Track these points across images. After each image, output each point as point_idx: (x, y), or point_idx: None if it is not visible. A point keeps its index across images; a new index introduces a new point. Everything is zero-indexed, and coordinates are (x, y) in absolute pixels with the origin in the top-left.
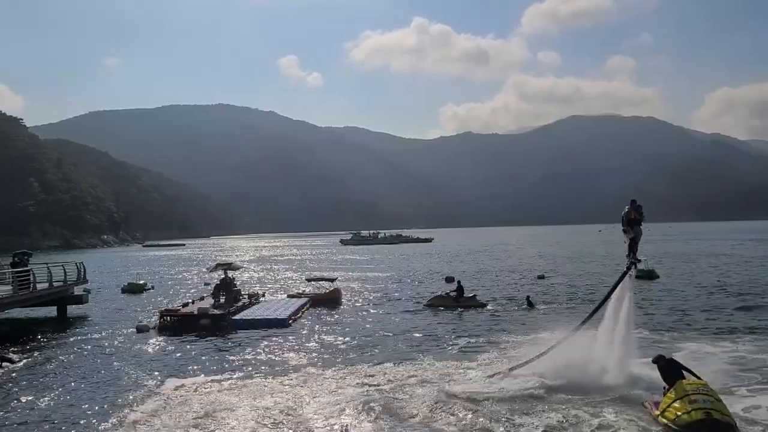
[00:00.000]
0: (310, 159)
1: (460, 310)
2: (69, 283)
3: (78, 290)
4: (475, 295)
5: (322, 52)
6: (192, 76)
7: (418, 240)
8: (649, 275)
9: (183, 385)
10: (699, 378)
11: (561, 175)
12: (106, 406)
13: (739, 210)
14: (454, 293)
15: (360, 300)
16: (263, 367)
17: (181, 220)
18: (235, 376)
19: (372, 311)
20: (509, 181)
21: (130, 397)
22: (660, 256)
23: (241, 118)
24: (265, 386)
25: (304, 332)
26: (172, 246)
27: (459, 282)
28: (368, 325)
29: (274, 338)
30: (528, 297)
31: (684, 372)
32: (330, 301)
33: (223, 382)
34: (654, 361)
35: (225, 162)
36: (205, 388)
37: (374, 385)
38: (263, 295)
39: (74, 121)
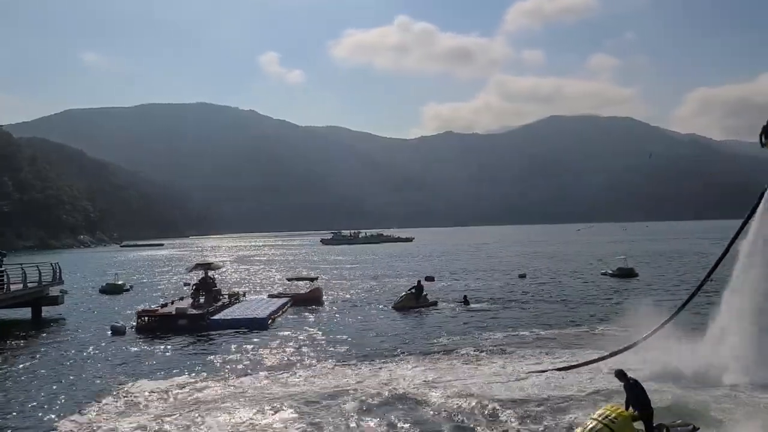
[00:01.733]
0: (291, 158)
1: (422, 310)
2: (44, 284)
3: (53, 291)
4: (425, 294)
5: (304, 50)
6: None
7: (399, 239)
8: (628, 273)
9: (157, 387)
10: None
11: (541, 175)
12: (77, 409)
13: (715, 209)
14: (413, 291)
15: (341, 299)
16: (240, 368)
17: (160, 219)
18: (210, 377)
19: (352, 311)
20: (491, 180)
21: (102, 400)
22: (639, 254)
23: (221, 117)
24: (241, 386)
25: (283, 332)
26: (150, 246)
27: (419, 282)
28: (348, 325)
29: (252, 338)
30: (465, 296)
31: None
32: (311, 300)
33: (198, 383)
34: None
35: (205, 161)
36: (179, 389)
37: (352, 384)
38: (244, 295)
39: (50, 119)
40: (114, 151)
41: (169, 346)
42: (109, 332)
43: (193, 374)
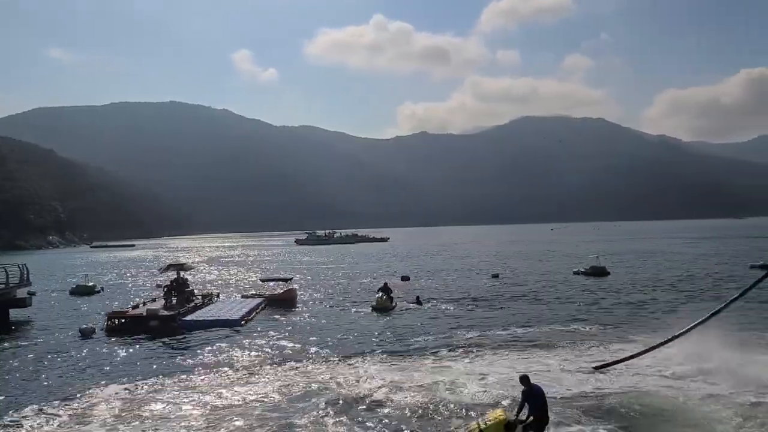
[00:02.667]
0: (265, 158)
1: (396, 310)
2: (11, 285)
3: (21, 293)
4: (382, 296)
5: (277, 48)
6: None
7: (374, 239)
8: (600, 272)
9: (125, 389)
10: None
11: (514, 175)
12: (41, 413)
13: (683, 209)
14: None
15: (315, 300)
16: (209, 369)
17: (131, 220)
18: (178, 379)
19: (326, 311)
20: (466, 180)
21: (68, 404)
22: (610, 253)
23: (194, 116)
24: (210, 388)
25: (256, 333)
26: (121, 247)
27: (386, 283)
28: (321, 325)
29: (224, 339)
30: (417, 297)
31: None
32: (285, 301)
33: (164, 386)
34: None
35: (178, 161)
36: (143, 392)
37: (323, 384)
38: (217, 296)
39: (19, 118)
40: (85, 150)
41: (138, 349)
42: (78, 334)
43: (160, 377)
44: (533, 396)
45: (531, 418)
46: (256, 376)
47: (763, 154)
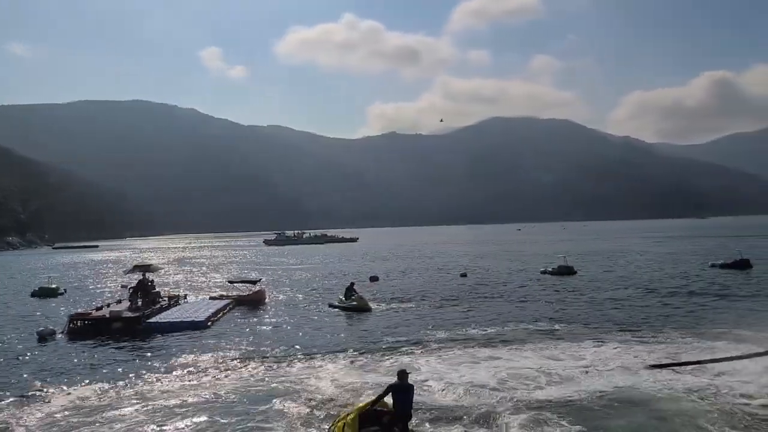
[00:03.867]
0: (233, 158)
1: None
2: None
3: None
4: (359, 296)
5: (247, 45)
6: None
7: (343, 240)
8: (568, 271)
9: (82, 394)
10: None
11: (483, 176)
12: None
13: (647, 210)
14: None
15: (284, 301)
16: (171, 371)
17: (95, 220)
18: (141, 381)
19: (294, 312)
20: (435, 181)
21: (22, 410)
22: (578, 253)
23: (160, 115)
24: (169, 391)
25: (221, 334)
26: (84, 248)
27: (352, 284)
28: (289, 326)
29: (188, 341)
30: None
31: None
32: (254, 302)
33: (127, 388)
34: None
35: (143, 161)
36: (107, 395)
37: (288, 385)
38: (185, 297)
39: None
40: (46, 149)
41: (99, 351)
42: (36, 337)
43: (121, 380)
44: (402, 389)
45: (396, 413)
46: (219, 378)
47: (723, 156)
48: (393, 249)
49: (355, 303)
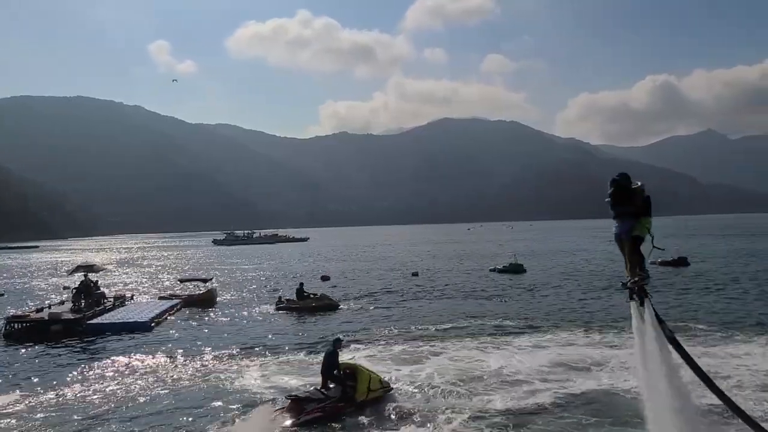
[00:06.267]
0: (180, 156)
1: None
2: None
3: None
4: (320, 295)
5: (198, 39)
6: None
7: (294, 239)
8: (517, 270)
9: (14, 400)
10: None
11: (433, 177)
12: None
13: (592, 210)
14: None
15: (234, 301)
16: (108, 374)
17: (35, 221)
18: (78, 385)
19: (243, 311)
20: (386, 181)
21: None
22: (527, 252)
23: (105, 112)
24: (103, 395)
25: (167, 335)
26: (24, 248)
27: (301, 284)
28: (237, 326)
29: (130, 343)
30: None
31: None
32: (204, 302)
33: (63, 393)
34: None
35: (87, 160)
36: (41, 400)
37: (232, 385)
38: (131, 298)
39: None
40: None
41: (39, 355)
42: None
43: (57, 384)
44: (327, 355)
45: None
46: (158, 381)
47: (664, 158)
48: (344, 249)
49: (313, 303)
